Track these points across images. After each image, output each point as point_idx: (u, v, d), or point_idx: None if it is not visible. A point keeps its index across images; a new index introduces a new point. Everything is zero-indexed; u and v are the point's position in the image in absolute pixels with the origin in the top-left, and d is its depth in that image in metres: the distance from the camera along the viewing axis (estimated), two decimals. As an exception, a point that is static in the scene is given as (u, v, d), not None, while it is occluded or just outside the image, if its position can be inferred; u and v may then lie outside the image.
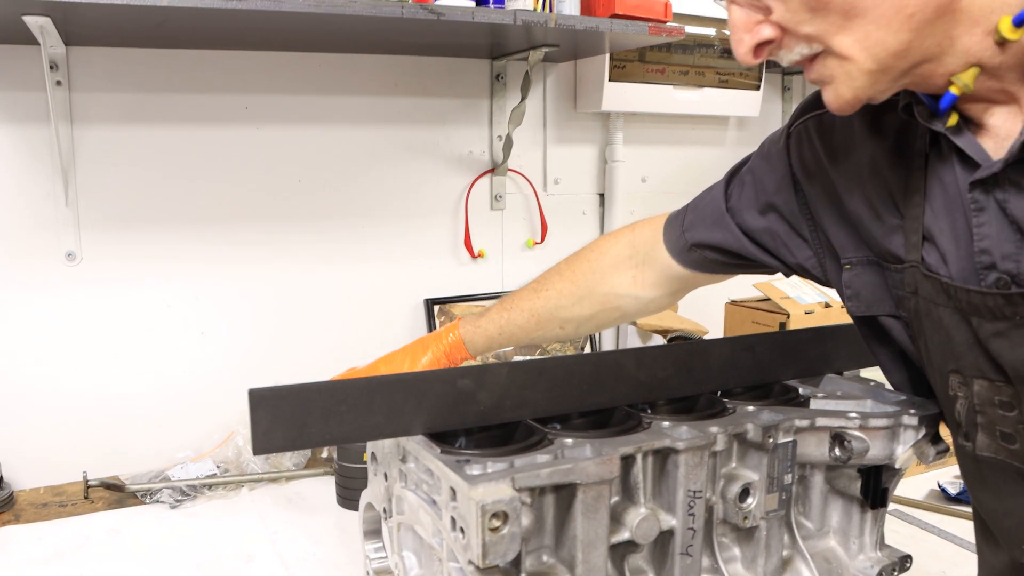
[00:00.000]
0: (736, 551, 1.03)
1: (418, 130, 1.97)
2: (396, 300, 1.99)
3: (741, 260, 1.08)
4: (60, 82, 1.61)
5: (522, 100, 1.91)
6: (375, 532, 1.13)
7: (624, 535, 0.91)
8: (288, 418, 0.86)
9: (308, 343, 1.90)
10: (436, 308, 1.98)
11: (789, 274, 1.08)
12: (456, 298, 2.01)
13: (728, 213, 1.06)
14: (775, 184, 1.02)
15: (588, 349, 2.08)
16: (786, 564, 1.04)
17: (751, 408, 1.03)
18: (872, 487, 1.04)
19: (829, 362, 1.20)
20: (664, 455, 0.94)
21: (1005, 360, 0.78)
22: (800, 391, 1.14)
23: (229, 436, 1.77)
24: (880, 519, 1.09)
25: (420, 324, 1.98)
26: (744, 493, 0.98)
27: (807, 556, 1.04)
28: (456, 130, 2.01)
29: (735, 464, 1.00)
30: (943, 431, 1.05)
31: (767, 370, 1.15)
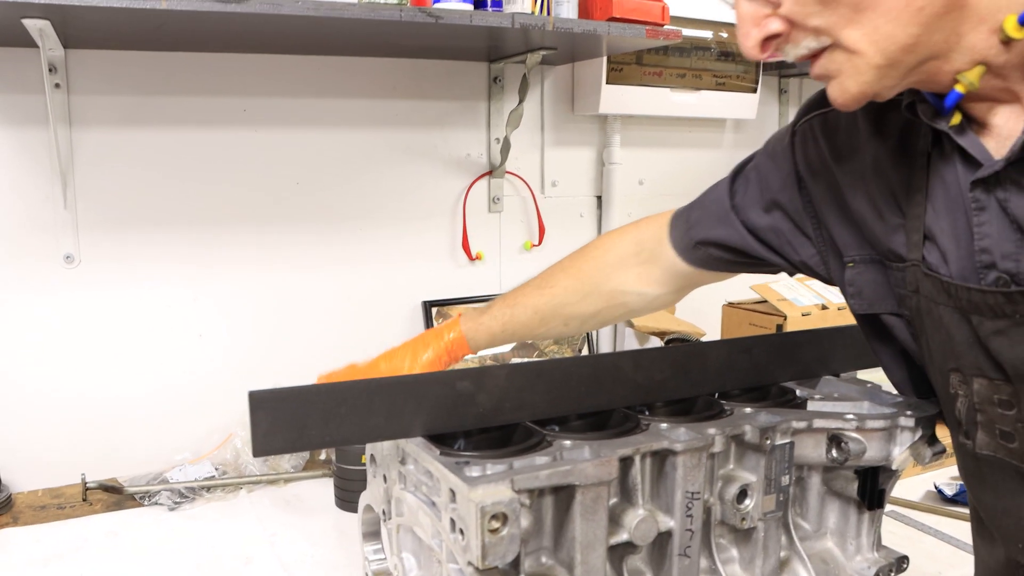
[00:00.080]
0: (734, 552, 1.03)
1: (416, 133, 1.97)
2: (394, 302, 1.99)
3: (746, 258, 1.07)
4: (59, 85, 1.61)
5: (520, 103, 1.91)
6: (374, 534, 1.13)
7: (623, 536, 0.92)
8: (288, 420, 0.87)
9: (306, 345, 1.90)
10: (434, 310, 1.99)
11: (793, 272, 1.08)
12: (454, 300, 2.01)
13: (733, 210, 1.06)
14: (780, 182, 1.02)
15: (585, 351, 2.08)
16: (784, 565, 1.05)
17: (749, 410, 1.04)
18: (869, 488, 1.05)
19: (826, 364, 1.21)
20: (662, 457, 0.95)
21: (1005, 358, 0.78)
22: (797, 393, 1.14)
23: (227, 438, 1.77)
24: (877, 520, 1.09)
25: (418, 326, 1.99)
26: (742, 494, 0.99)
27: (804, 557, 1.05)
28: (454, 133, 2.01)
29: (733, 466, 1.01)
30: (940, 431, 1.06)
31: (764, 372, 1.15)
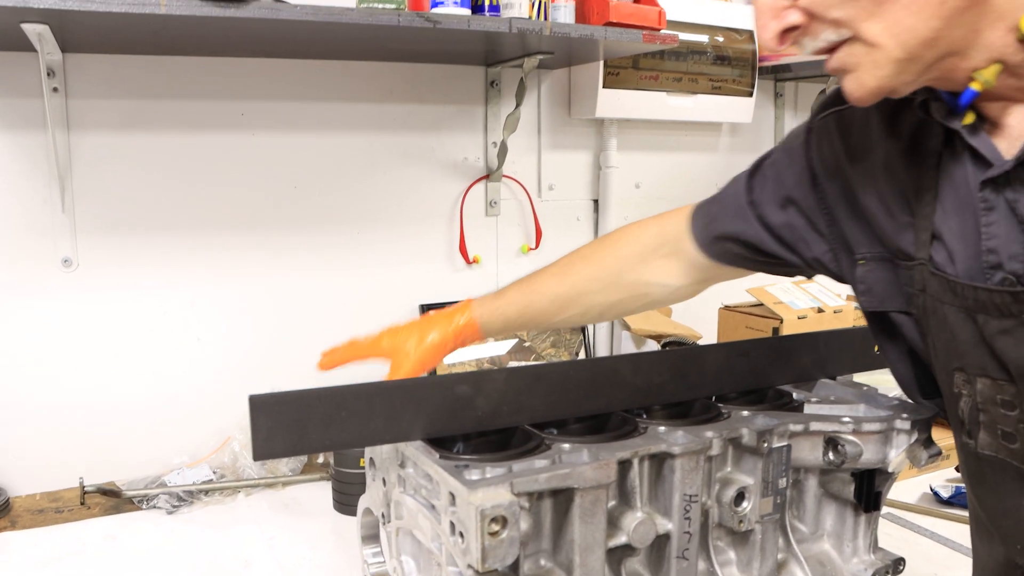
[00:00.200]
0: (732, 554, 1.04)
1: (413, 136, 1.98)
2: (391, 305, 1.99)
3: (762, 256, 1.07)
4: (57, 89, 1.61)
5: (517, 107, 1.92)
6: (373, 537, 1.14)
7: (621, 539, 0.92)
8: (288, 424, 0.87)
9: (304, 349, 1.89)
10: (431, 313, 1.99)
11: (808, 272, 1.07)
12: (451, 303, 2.00)
13: (750, 206, 1.05)
14: (794, 178, 1.02)
15: (582, 355, 2.09)
16: (781, 567, 1.06)
17: (746, 413, 1.05)
18: (865, 491, 1.06)
19: (823, 367, 1.21)
20: (660, 460, 0.95)
21: (1009, 358, 0.78)
22: (794, 396, 1.15)
23: (225, 441, 1.77)
24: (873, 522, 1.10)
25: (415, 329, 1.99)
26: (739, 497, 0.99)
27: (802, 559, 1.05)
28: (451, 136, 2.02)
29: (730, 468, 1.02)
30: (937, 433, 1.06)
31: (762, 375, 1.16)
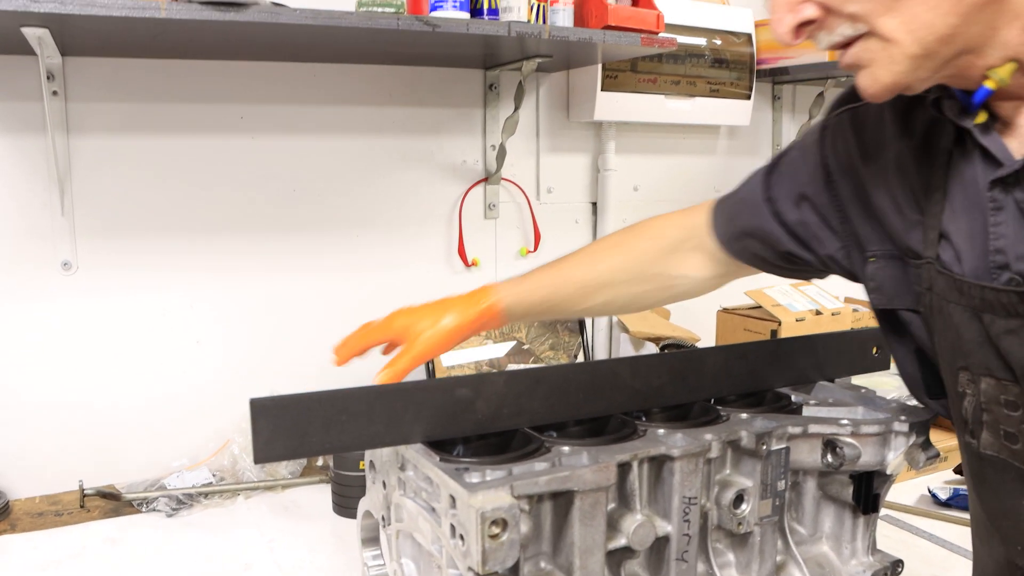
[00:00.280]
0: (731, 556, 1.04)
1: (412, 139, 1.98)
2: (390, 308, 1.98)
3: (779, 255, 1.07)
4: (56, 92, 1.61)
5: (515, 110, 1.92)
6: (373, 540, 1.14)
7: (621, 541, 0.93)
8: (289, 427, 0.87)
9: (303, 351, 1.90)
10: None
11: (823, 273, 1.07)
12: (450, 306, 2.01)
13: (766, 203, 1.06)
14: (808, 175, 1.02)
15: (581, 357, 2.09)
16: (780, 569, 1.06)
17: (745, 415, 1.05)
18: (864, 493, 1.06)
19: (821, 370, 1.22)
20: (660, 462, 0.96)
21: (1014, 358, 0.78)
22: (792, 398, 1.15)
23: (225, 444, 1.77)
24: (872, 524, 1.10)
25: (414, 332, 1.99)
26: (738, 499, 1.00)
27: (800, 561, 1.06)
28: (450, 139, 2.02)
29: (729, 471, 1.02)
30: (935, 436, 1.07)
31: (760, 378, 1.16)
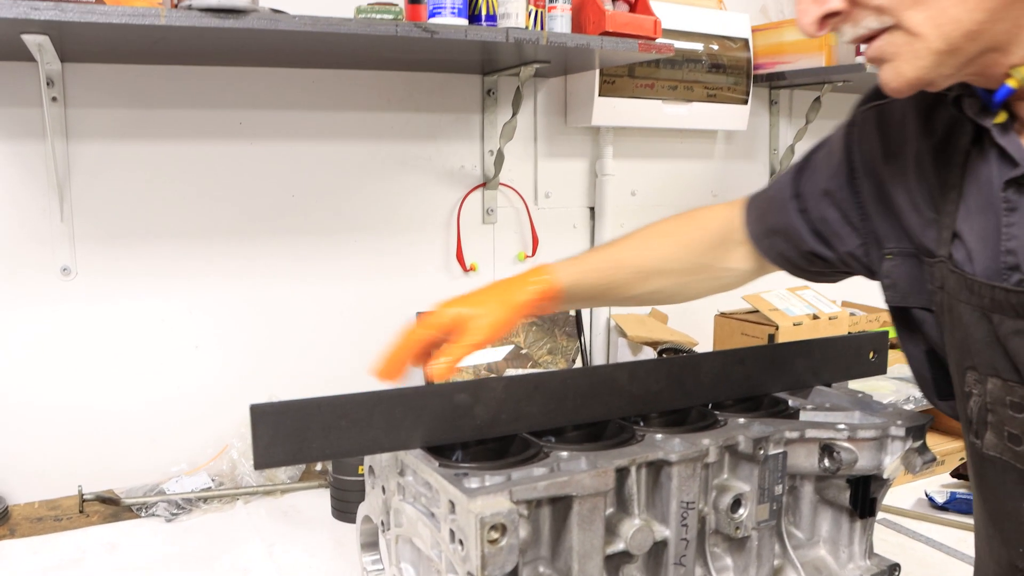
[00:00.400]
0: (728, 561, 1.04)
1: (410, 145, 1.99)
2: (389, 313, 1.99)
3: (802, 255, 1.07)
4: (56, 98, 1.62)
5: (513, 115, 1.93)
6: (372, 544, 1.14)
7: (619, 546, 0.93)
8: (289, 433, 0.87)
9: (302, 356, 1.91)
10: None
11: (841, 275, 1.08)
12: (449, 311, 2.02)
13: (794, 199, 1.06)
14: (832, 171, 1.02)
15: (579, 362, 2.10)
16: (777, 573, 1.06)
17: (742, 420, 1.05)
18: (861, 497, 1.06)
19: (818, 374, 1.22)
20: (657, 467, 0.96)
21: (1021, 360, 0.78)
22: (790, 403, 1.16)
23: (223, 449, 1.77)
24: (869, 528, 1.11)
25: (413, 337, 2.00)
26: (736, 504, 1.00)
27: (798, 565, 1.06)
28: (448, 145, 2.03)
29: (727, 475, 1.02)
30: (932, 439, 1.07)
31: (757, 383, 1.17)
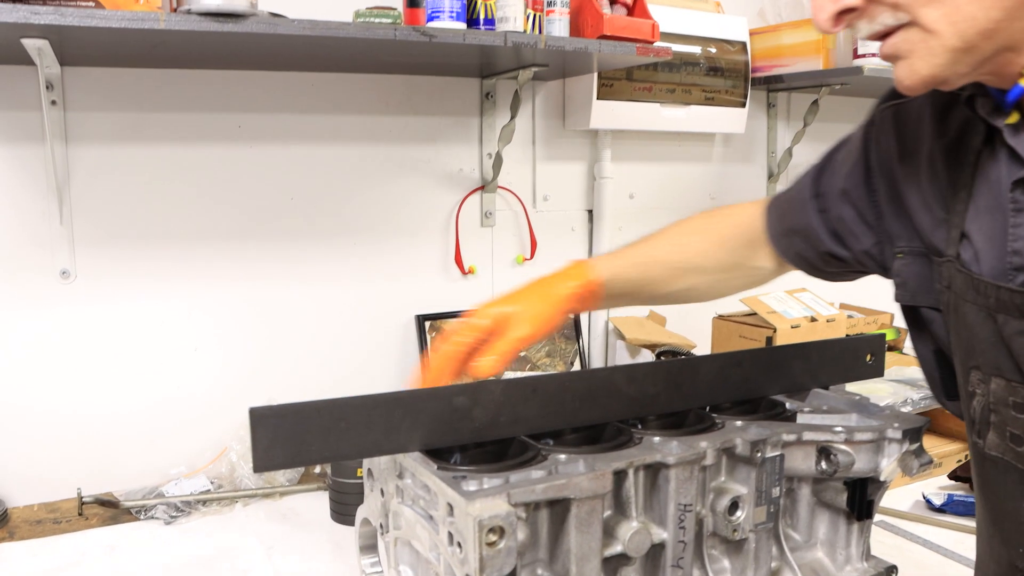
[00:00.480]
0: (726, 563, 1.04)
1: (409, 148, 1.99)
2: (387, 316, 2.00)
3: (819, 255, 1.08)
4: (55, 102, 1.62)
5: (512, 118, 1.93)
6: (371, 547, 1.14)
7: (617, 548, 0.93)
8: (288, 436, 0.88)
9: (301, 359, 1.91)
10: (427, 324, 2.00)
11: (855, 274, 1.08)
12: (447, 314, 2.02)
13: (814, 199, 1.06)
14: (849, 169, 1.03)
15: (577, 364, 2.10)
16: (775, 575, 1.07)
17: (739, 423, 1.06)
18: (858, 499, 1.07)
19: (815, 377, 1.22)
20: (655, 470, 0.96)
21: None
22: (787, 406, 1.16)
23: (222, 452, 1.78)
24: (866, 530, 1.11)
25: (411, 340, 2.00)
26: (733, 506, 1.00)
27: (795, 567, 1.06)
28: (446, 148, 2.03)
29: (724, 478, 1.02)
30: (928, 442, 1.07)
31: (755, 385, 1.17)
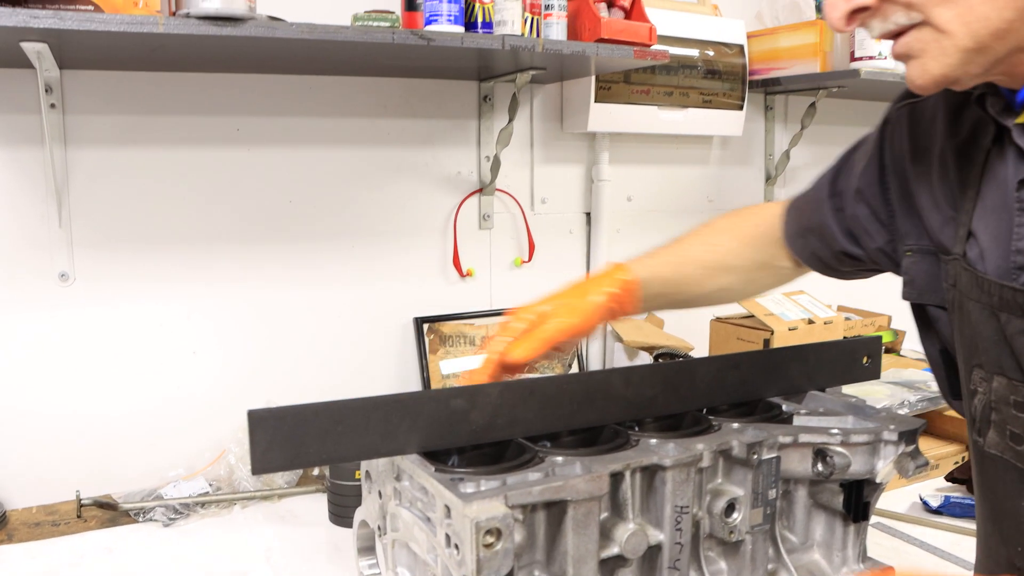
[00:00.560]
0: (722, 565, 1.05)
1: (407, 151, 1.99)
2: (386, 319, 2.00)
3: (834, 254, 1.08)
4: (54, 105, 1.62)
5: (509, 121, 1.94)
6: (369, 549, 1.15)
7: (613, 550, 0.93)
8: (286, 438, 0.88)
9: (299, 362, 1.92)
10: (426, 327, 2.00)
11: (874, 271, 1.09)
12: (445, 316, 2.03)
13: (831, 198, 1.07)
14: (864, 167, 1.03)
15: (575, 368, 2.11)
16: (771, 577, 1.07)
17: (736, 425, 1.06)
18: (854, 501, 1.07)
19: (812, 379, 1.23)
20: (652, 472, 0.97)
21: None
22: (783, 408, 1.16)
23: (221, 454, 1.78)
24: (862, 532, 1.11)
25: (410, 343, 2.00)
26: (730, 508, 1.01)
27: (792, 569, 1.07)
28: (445, 151, 2.04)
29: (721, 480, 1.03)
30: (924, 444, 1.08)
31: (752, 388, 1.17)
